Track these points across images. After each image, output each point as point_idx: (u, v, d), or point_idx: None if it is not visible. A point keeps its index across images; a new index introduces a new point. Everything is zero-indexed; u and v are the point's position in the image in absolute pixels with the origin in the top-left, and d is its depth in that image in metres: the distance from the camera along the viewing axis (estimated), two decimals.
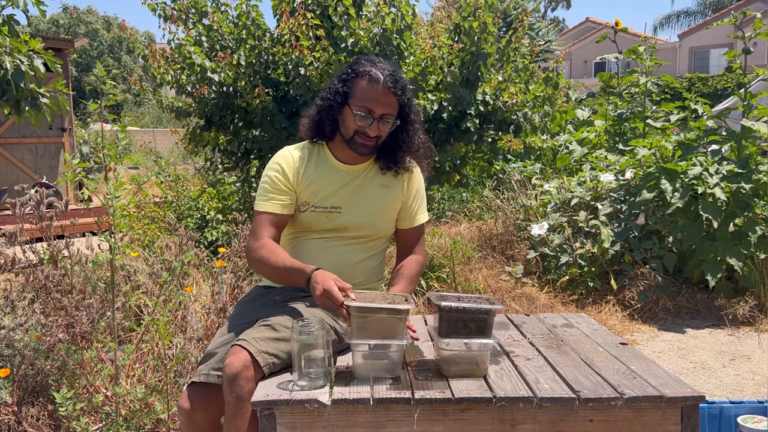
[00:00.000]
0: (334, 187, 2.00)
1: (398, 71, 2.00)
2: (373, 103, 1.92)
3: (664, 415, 1.56)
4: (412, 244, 2.15)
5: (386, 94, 1.92)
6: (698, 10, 35.04)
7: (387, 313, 1.64)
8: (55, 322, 2.76)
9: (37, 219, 2.94)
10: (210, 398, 1.74)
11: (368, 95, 1.92)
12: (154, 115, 24.71)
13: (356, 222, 2.01)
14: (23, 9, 2.98)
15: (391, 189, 2.07)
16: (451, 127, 5.73)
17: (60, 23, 32.72)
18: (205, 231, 5.06)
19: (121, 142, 1.99)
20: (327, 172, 2.02)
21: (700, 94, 19.76)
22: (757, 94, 4.69)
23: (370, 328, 1.63)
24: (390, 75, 1.94)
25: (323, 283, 1.71)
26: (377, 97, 1.92)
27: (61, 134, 9.01)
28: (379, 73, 1.93)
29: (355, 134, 1.96)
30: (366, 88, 1.93)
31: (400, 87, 1.95)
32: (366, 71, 1.94)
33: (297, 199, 2.01)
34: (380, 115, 1.93)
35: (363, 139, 1.96)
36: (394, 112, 1.96)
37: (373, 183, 2.05)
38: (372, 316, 1.63)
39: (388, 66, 1.98)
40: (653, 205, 4.61)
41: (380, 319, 1.64)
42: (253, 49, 5.39)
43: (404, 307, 1.65)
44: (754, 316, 4.19)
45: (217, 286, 3.27)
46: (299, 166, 2.02)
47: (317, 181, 2.00)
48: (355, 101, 1.94)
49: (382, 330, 1.64)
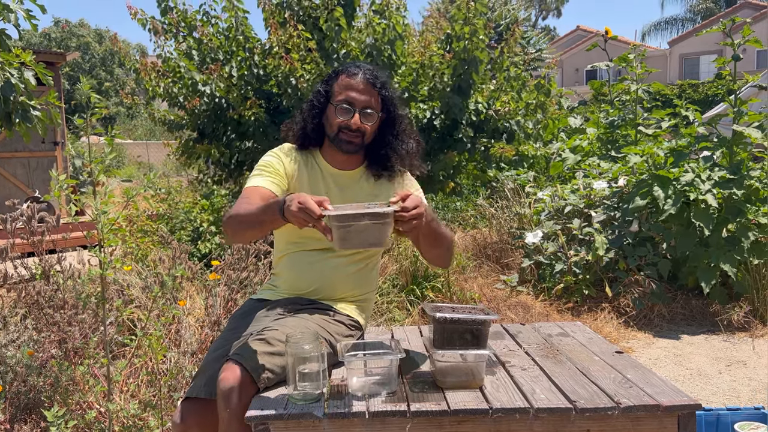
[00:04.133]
0: (326, 192, 1.98)
1: (380, 71, 2.00)
2: (353, 93, 1.93)
3: (661, 423, 1.55)
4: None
5: (365, 85, 1.94)
6: (688, 18, 35.34)
7: (369, 219, 1.51)
8: (48, 337, 2.73)
9: (29, 234, 2.92)
10: (204, 414, 1.72)
11: (347, 87, 1.94)
12: (147, 128, 24.69)
13: None
14: (14, 23, 2.97)
15: (381, 197, 2.01)
16: (444, 136, 5.74)
17: (52, 37, 32.71)
18: (199, 243, 5.04)
19: (109, 156, 1.98)
20: (318, 176, 2.02)
21: (691, 100, 19.89)
22: (747, 101, 4.72)
23: (353, 238, 1.52)
24: (369, 70, 1.96)
25: (297, 198, 1.57)
26: (356, 87, 1.93)
27: (54, 148, 8.98)
28: (358, 69, 1.96)
29: (339, 131, 1.95)
30: (345, 82, 1.95)
31: (380, 82, 1.96)
32: (345, 68, 1.98)
33: (288, 185, 1.99)
34: (362, 107, 1.93)
35: (347, 135, 1.94)
36: (376, 105, 1.96)
37: (365, 190, 2.02)
38: (354, 224, 1.51)
39: (366, 65, 2.00)
40: (646, 212, 4.62)
41: (363, 227, 1.52)
42: (244, 61, 5.40)
43: (386, 210, 1.53)
44: (748, 322, 4.20)
45: (211, 299, 3.25)
46: (294, 160, 2.03)
47: (309, 182, 2.00)
48: (335, 96, 1.95)
49: (367, 237, 1.53)
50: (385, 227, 1.54)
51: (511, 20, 15.69)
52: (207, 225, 5.18)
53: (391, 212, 1.53)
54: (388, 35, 5.25)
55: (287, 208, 1.59)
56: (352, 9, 5.75)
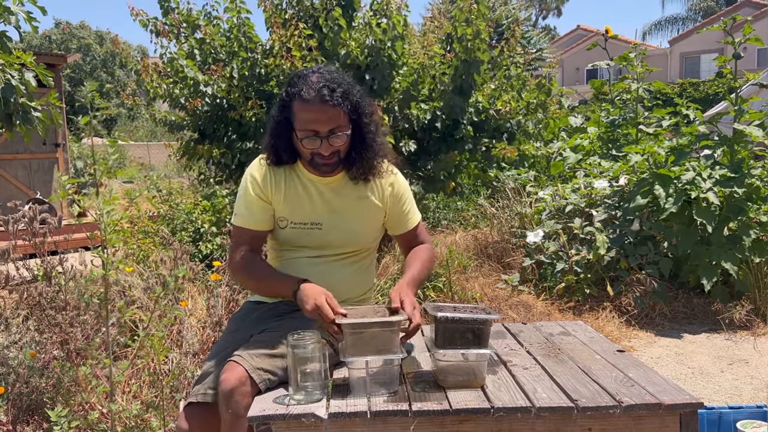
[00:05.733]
0: (310, 202, 1.93)
1: (334, 75, 1.83)
2: (314, 124, 1.78)
3: (663, 422, 1.56)
4: (415, 242, 2.09)
5: (324, 110, 1.77)
6: (688, 16, 35.32)
7: (380, 327, 1.62)
8: (50, 339, 2.74)
9: (30, 235, 2.92)
10: (208, 418, 1.72)
11: (306, 117, 1.78)
12: (149, 129, 24.70)
13: (339, 238, 1.95)
14: (15, 25, 2.97)
15: (369, 200, 1.97)
16: (445, 136, 5.74)
17: (53, 39, 32.75)
18: (200, 244, 5.04)
19: (111, 157, 1.98)
20: (302, 186, 1.94)
21: (692, 99, 19.89)
22: (748, 99, 4.72)
23: (364, 344, 1.61)
24: (324, 86, 1.77)
25: (314, 299, 1.69)
26: (316, 116, 1.77)
27: (55, 150, 8.99)
28: (311, 89, 1.77)
29: (312, 156, 1.85)
30: (302, 111, 1.78)
31: (339, 95, 1.78)
32: (296, 92, 1.79)
33: (274, 212, 1.94)
34: (327, 133, 1.80)
35: (322, 159, 1.84)
36: (342, 123, 1.81)
37: (351, 196, 1.96)
38: (365, 331, 1.61)
39: (321, 74, 1.81)
40: (647, 210, 4.62)
41: (374, 334, 1.62)
42: (246, 62, 5.40)
43: (396, 319, 1.64)
44: (750, 320, 4.19)
45: (213, 299, 3.25)
46: (272, 182, 1.93)
47: (292, 195, 1.93)
48: (298, 126, 1.81)
49: (376, 344, 1.62)
50: (395, 334, 1.64)
51: (512, 20, 15.71)
52: (208, 226, 5.18)
53: (399, 321, 1.65)
54: (389, 35, 5.25)
55: (301, 300, 1.73)
56: (352, 9, 5.75)
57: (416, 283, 1.93)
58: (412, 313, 1.70)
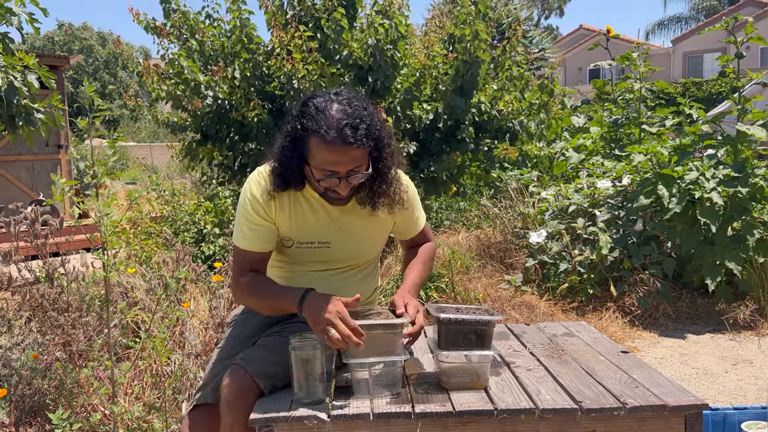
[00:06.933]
0: (317, 221, 1.83)
1: (355, 105, 1.66)
2: (335, 165, 1.64)
3: (668, 423, 1.55)
4: (420, 242, 2.07)
5: (347, 152, 1.62)
6: (691, 16, 35.28)
7: (383, 329, 1.62)
8: (52, 340, 2.74)
9: (32, 237, 2.92)
10: (213, 422, 1.71)
11: (327, 158, 1.63)
12: (151, 130, 24.74)
13: (346, 255, 1.90)
14: (17, 27, 2.97)
15: (379, 215, 1.88)
16: (447, 137, 5.73)
17: (55, 40, 32.83)
18: (202, 245, 5.04)
19: (111, 158, 1.97)
20: (310, 209, 1.82)
21: (695, 98, 19.86)
22: (751, 98, 4.70)
23: (367, 346, 1.60)
24: (346, 124, 1.61)
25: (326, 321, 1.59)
26: (337, 158, 1.63)
27: (58, 151, 9.01)
28: (332, 129, 1.60)
29: (326, 191, 1.73)
30: (322, 151, 1.63)
31: (363, 133, 1.62)
32: (316, 129, 1.62)
33: (278, 229, 1.83)
34: (347, 173, 1.67)
35: (335, 194, 1.73)
36: (362, 161, 1.68)
37: (361, 213, 1.86)
38: (368, 333, 1.60)
39: (342, 107, 1.64)
40: (651, 210, 4.61)
41: (377, 336, 1.61)
42: (247, 63, 5.40)
43: (399, 321, 1.63)
44: (754, 320, 4.18)
45: (215, 300, 3.25)
46: (276, 206, 1.80)
47: (298, 215, 1.82)
48: (314, 164, 1.66)
49: (379, 346, 1.61)
50: (398, 337, 1.64)
51: (513, 19, 15.69)
52: (211, 227, 5.18)
53: (402, 323, 1.65)
54: (391, 35, 5.24)
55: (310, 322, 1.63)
56: (354, 10, 5.75)
57: (417, 288, 1.94)
58: (415, 315, 1.70)
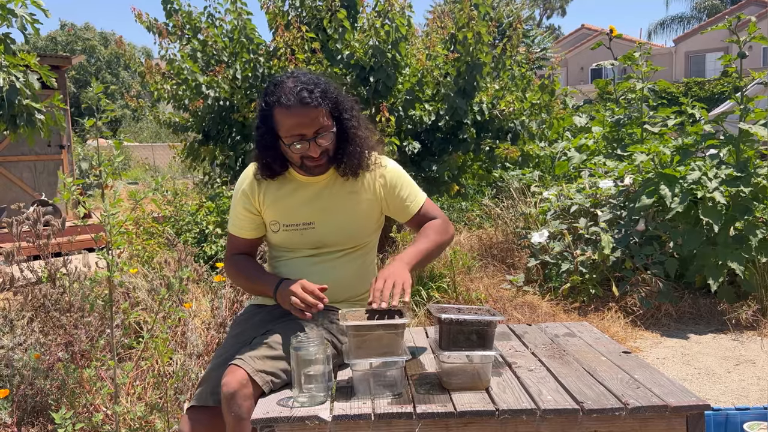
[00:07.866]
0: (300, 203, 1.94)
1: (309, 77, 1.84)
2: (299, 128, 1.80)
3: (670, 424, 1.54)
4: (426, 222, 2.04)
5: (306, 112, 1.78)
6: (693, 15, 35.21)
7: (384, 329, 1.62)
8: (54, 340, 2.74)
9: (34, 237, 2.93)
10: (211, 421, 1.71)
11: (290, 122, 1.79)
12: (153, 130, 24.76)
13: (333, 235, 1.94)
14: (20, 27, 2.98)
15: (361, 194, 1.97)
16: (449, 137, 5.73)
17: (58, 40, 32.88)
18: (204, 245, 5.04)
19: (116, 159, 1.98)
20: (292, 189, 1.96)
21: (697, 98, 19.83)
22: (753, 98, 4.69)
23: (368, 347, 1.60)
24: (302, 89, 1.78)
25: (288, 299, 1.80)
26: (299, 120, 1.78)
27: (60, 151, 9.02)
28: (290, 94, 1.77)
29: (302, 160, 1.86)
30: (285, 117, 1.79)
31: (318, 95, 1.79)
32: (275, 99, 1.80)
33: (264, 219, 1.99)
34: (313, 134, 1.81)
35: (312, 161, 1.86)
36: (326, 122, 1.83)
37: (342, 192, 1.96)
38: (369, 334, 1.60)
39: (296, 78, 1.82)
40: (653, 210, 4.60)
41: (378, 336, 1.61)
42: (249, 63, 5.40)
43: (401, 322, 1.63)
44: (757, 321, 4.17)
45: (217, 301, 3.25)
46: (261, 192, 1.96)
47: (283, 198, 1.95)
48: (283, 133, 1.82)
49: (380, 346, 1.61)
50: (399, 337, 1.63)
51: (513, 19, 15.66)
52: (213, 227, 5.18)
53: (404, 324, 1.63)
54: (392, 36, 5.23)
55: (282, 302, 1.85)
56: (355, 10, 5.74)
57: (412, 255, 1.88)
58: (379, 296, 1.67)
